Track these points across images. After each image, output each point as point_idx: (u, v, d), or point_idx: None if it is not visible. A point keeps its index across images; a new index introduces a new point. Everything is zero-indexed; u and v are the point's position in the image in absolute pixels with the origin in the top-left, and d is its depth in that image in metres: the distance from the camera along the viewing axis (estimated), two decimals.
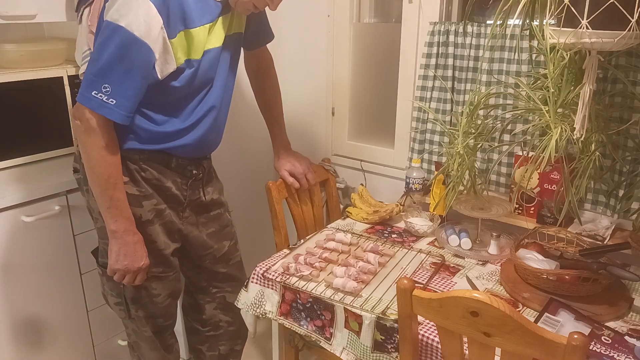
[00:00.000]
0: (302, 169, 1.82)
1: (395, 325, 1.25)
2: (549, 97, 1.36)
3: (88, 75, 1.27)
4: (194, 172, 1.54)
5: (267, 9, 1.46)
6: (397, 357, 1.28)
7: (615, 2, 1.09)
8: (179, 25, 1.30)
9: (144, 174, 1.44)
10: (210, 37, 1.38)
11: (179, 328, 1.85)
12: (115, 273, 1.44)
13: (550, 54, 1.36)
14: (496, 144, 1.75)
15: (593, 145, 1.41)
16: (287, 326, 1.48)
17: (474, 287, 1.43)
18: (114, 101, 1.26)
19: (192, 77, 1.37)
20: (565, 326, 1.22)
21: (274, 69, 1.79)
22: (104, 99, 1.26)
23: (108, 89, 1.25)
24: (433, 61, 1.84)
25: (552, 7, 1.18)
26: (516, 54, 1.66)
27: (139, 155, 1.42)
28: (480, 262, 1.56)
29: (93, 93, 1.26)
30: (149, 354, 1.66)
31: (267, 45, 1.75)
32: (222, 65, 1.45)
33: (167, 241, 1.52)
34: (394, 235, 1.75)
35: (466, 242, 1.60)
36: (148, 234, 1.48)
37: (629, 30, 1.11)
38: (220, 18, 1.39)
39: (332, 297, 1.38)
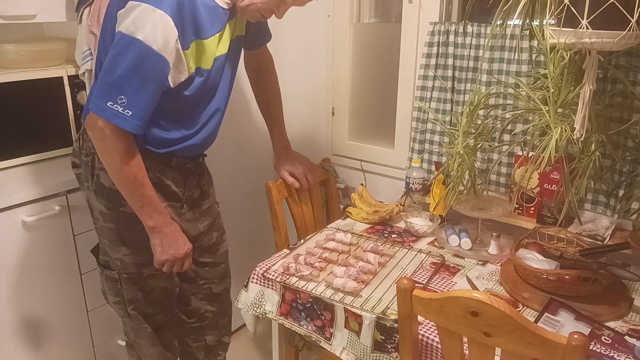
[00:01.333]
0: (302, 169, 1.82)
1: (395, 325, 1.25)
2: (549, 97, 1.36)
3: (102, 85, 1.26)
4: (192, 169, 1.54)
5: None
6: (397, 357, 1.28)
7: (615, 2, 1.09)
8: (191, 36, 1.30)
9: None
10: (219, 45, 1.39)
11: None
12: (164, 265, 1.46)
13: (550, 54, 1.36)
14: (496, 144, 1.75)
15: (593, 145, 1.41)
16: (287, 326, 1.49)
17: (474, 287, 1.43)
18: (130, 112, 1.26)
19: (203, 85, 1.38)
20: (565, 326, 1.22)
21: (274, 68, 1.79)
22: (119, 110, 1.25)
23: (124, 101, 1.25)
24: (433, 61, 1.84)
25: (552, 7, 1.18)
26: (516, 54, 1.66)
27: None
28: (480, 262, 1.56)
29: (108, 104, 1.25)
30: (148, 350, 1.66)
31: (268, 45, 1.75)
32: (226, 70, 1.46)
33: None
34: (394, 235, 1.75)
35: (466, 242, 1.61)
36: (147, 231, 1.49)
37: (629, 30, 1.11)
38: (227, 24, 1.39)
39: (332, 297, 1.38)
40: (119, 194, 1.42)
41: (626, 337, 1.20)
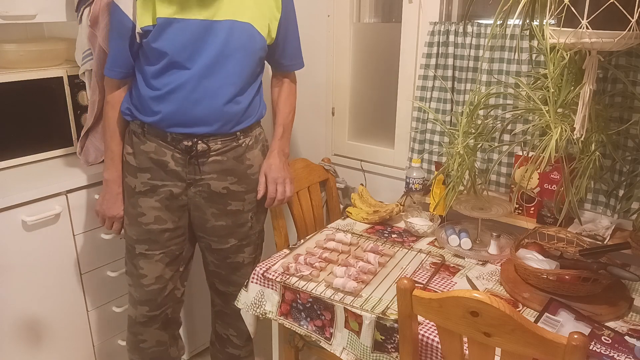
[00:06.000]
0: (276, 176, 1.63)
1: (395, 325, 1.25)
2: (549, 97, 1.36)
3: None
4: (190, 147, 1.51)
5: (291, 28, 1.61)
6: (397, 357, 1.28)
7: (615, 2, 1.09)
8: None
9: (143, 146, 1.54)
10: (168, 5, 1.41)
11: (181, 330, 1.85)
12: (98, 214, 1.67)
13: (550, 54, 1.36)
14: (496, 144, 1.75)
15: (593, 145, 1.41)
16: (287, 326, 1.49)
17: (474, 287, 1.43)
18: (109, 59, 1.52)
19: (148, 40, 1.44)
20: (565, 326, 1.22)
21: (294, 86, 1.75)
22: (108, 61, 1.53)
23: (109, 51, 1.52)
24: (433, 61, 1.84)
25: (552, 7, 1.19)
26: (516, 54, 1.66)
27: (142, 129, 1.54)
28: (480, 262, 1.56)
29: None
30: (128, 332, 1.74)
31: None
32: (203, 45, 1.44)
33: (161, 216, 1.56)
34: (394, 235, 1.75)
35: (466, 242, 1.60)
36: (139, 205, 1.55)
37: (629, 30, 1.11)
38: None
39: (332, 297, 1.38)
40: (125, 164, 1.59)
41: (626, 337, 1.20)
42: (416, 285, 1.11)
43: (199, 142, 1.52)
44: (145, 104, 1.50)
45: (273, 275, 1.49)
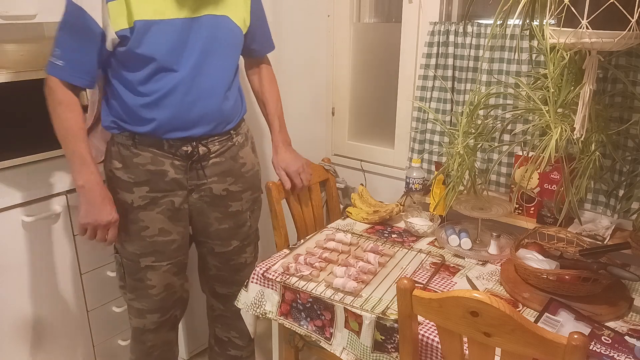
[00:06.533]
0: (296, 168, 1.76)
1: (395, 325, 1.25)
2: (549, 97, 1.36)
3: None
4: (190, 152, 1.49)
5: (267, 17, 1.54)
6: (397, 357, 1.28)
7: (615, 2, 1.09)
8: None
9: (136, 159, 1.47)
10: (146, 6, 1.34)
11: (181, 330, 1.85)
12: (86, 230, 1.47)
13: (550, 54, 1.36)
14: (496, 144, 1.75)
15: (593, 145, 1.42)
16: (287, 326, 1.49)
17: (474, 287, 1.43)
18: (62, 62, 1.36)
19: (129, 48, 1.36)
20: (565, 326, 1.22)
21: (271, 69, 1.77)
22: (54, 61, 1.37)
23: (58, 52, 1.37)
24: (433, 61, 1.84)
25: (552, 7, 1.19)
26: (516, 54, 1.66)
27: (132, 140, 1.46)
28: (480, 262, 1.56)
29: (49, 59, 1.38)
30: (133, 341, 1.71)
31: None
32: (187, 44, 1.41)
33: (165, 228, 1.53)
34: (394, 235, 1.75)
35: (466, 242, 1.60)
36: (140, 219, 1.50)
37: (629, 30, 1.11)
38: None
39: (332, 297, 1.38)
40: (115, 180, 1.50)
41: (626, 337, 1.20)
42: (416, 285, 1.11)
43: (199, 145, 1.50)
44: (134, 113, 1.43)
45: (273, 275, 1.49)
